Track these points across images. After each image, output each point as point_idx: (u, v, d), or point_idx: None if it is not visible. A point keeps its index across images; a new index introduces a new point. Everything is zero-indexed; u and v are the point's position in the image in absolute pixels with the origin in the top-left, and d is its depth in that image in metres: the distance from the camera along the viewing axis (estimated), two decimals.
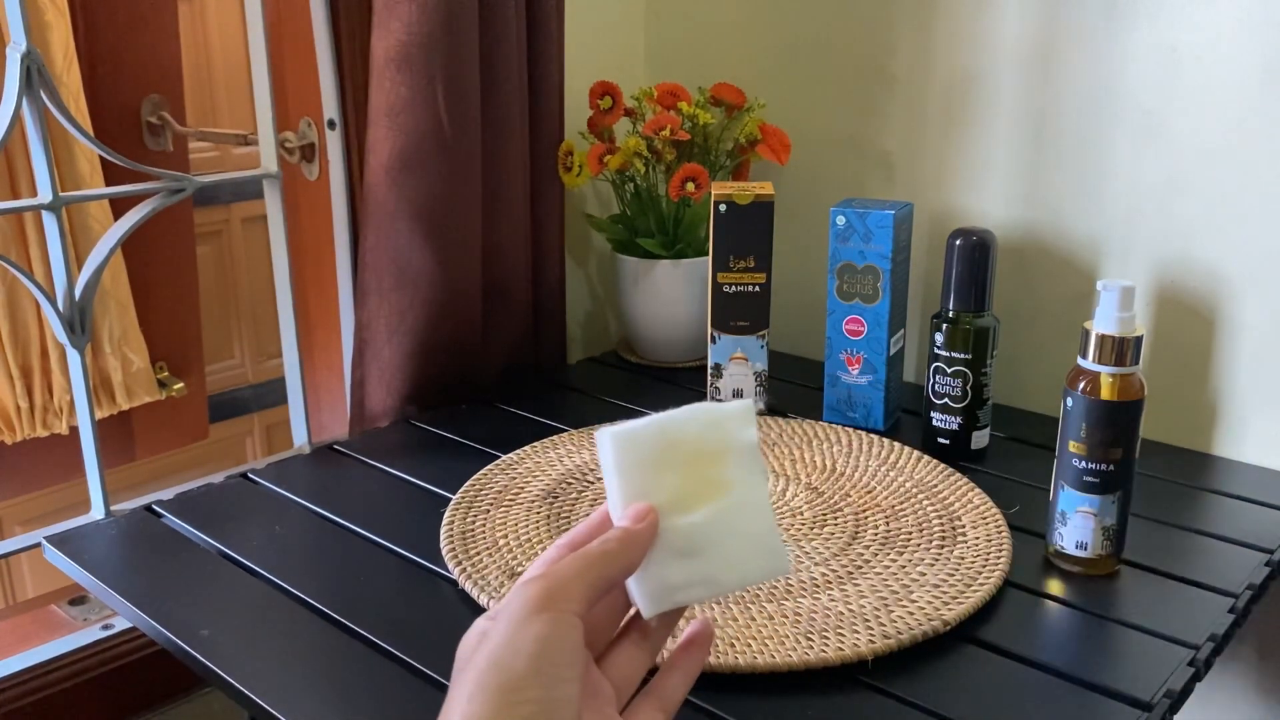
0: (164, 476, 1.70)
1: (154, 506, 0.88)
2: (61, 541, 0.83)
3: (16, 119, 0.84)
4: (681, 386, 1.14)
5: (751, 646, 0.66)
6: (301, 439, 1.06)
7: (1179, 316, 0.98)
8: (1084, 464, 0.75)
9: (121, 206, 0.98)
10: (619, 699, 0.48)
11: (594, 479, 0.89)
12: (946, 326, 0.92)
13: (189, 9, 1.90)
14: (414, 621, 0.71)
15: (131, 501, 0.91)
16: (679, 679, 0.50)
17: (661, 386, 1.15)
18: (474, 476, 0.89)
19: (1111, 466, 0.74)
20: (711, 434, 0.49)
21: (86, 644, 0.94)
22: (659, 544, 0.47)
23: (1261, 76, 0.90)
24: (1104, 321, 0.73)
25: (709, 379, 1.03)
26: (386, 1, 0.95)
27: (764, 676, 0.65)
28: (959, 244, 0.91)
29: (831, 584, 0.73)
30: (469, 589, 0.73)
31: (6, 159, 1.28)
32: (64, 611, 1.02)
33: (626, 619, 0.50)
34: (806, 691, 0.64)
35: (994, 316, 0.93)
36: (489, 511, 0.84)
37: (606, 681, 0.48)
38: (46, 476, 1.47)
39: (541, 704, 0.41)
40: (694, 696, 0.63)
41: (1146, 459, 0.93)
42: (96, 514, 0.92)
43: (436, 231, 1.00)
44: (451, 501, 0.85)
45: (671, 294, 1.16)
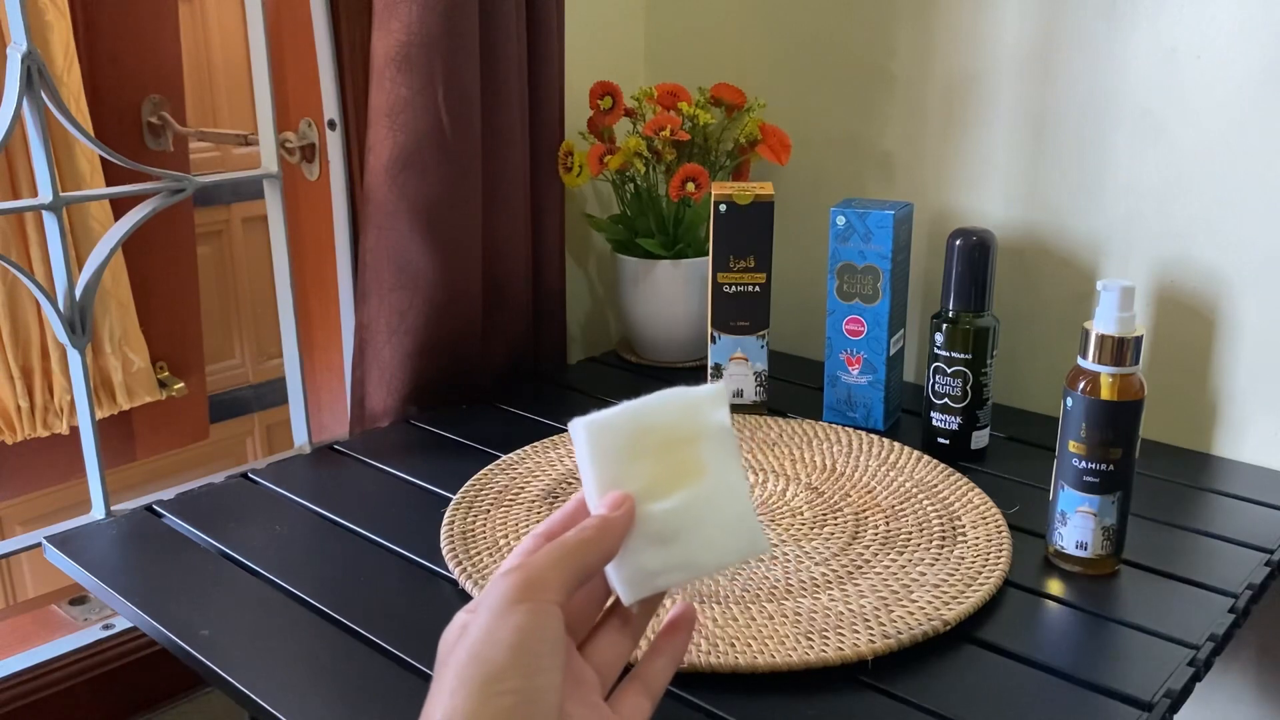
0: (164, 476, 1.70)
1: (154, 506, 0.88)
2: (62, 541, 0.83)
3: (17, 119, 0.84)
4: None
5: (751, 646, 0.66)
6: (302, 439, 1.06)
7: (1179, 316, 0.98)
8: (1084, 464, 0.75)
9: (122, 206, 0.98)
10: (603, 686, 0.48)
11: None
12: (946, 326, 0.92)
13: (189, 9, 1.90)
14: (414, 621, 0.71)
15: (132, 501, 0.91)
16: (663, 663, 0.50)
17: (661, 387, 1.14)
18: (474, 476, 0.89)
19: (1111, 466, 0.74)
20: (684, 419, 0.49)
21: (86, 644, 0.94)
22: (636, 530, 0.47)
23: (1261, 76, 0.90)
24: (1104, 321, 0.73)
25: (709, 379, 1.03)
26: (386, 1, 0.95)
27: (764, 676, 0.65)
28: (959, 244, 0.91)
29: (831, 584, 0.73)
30: (469, 589, 0.73)
31: (7, 159, 1.28)
32: (64, 611, 1.02)
33: (607, 606, 0.50)
34: (806, 691, 0.64)
35: (994, 316, 0.93)
36: (489, 511, 0.84)
37: (590, 669, 0.48)
38: (47, 476, 1.47)
39: (523, 694, 0.41)
40: (694, 696, 0.64)
41: (1146, 459, 0.93)
42: (97, 514, 0.92)
43: (436, 231, 1.00)
44: (451, 501, 0.85)
45: (671, 294, 1.16)
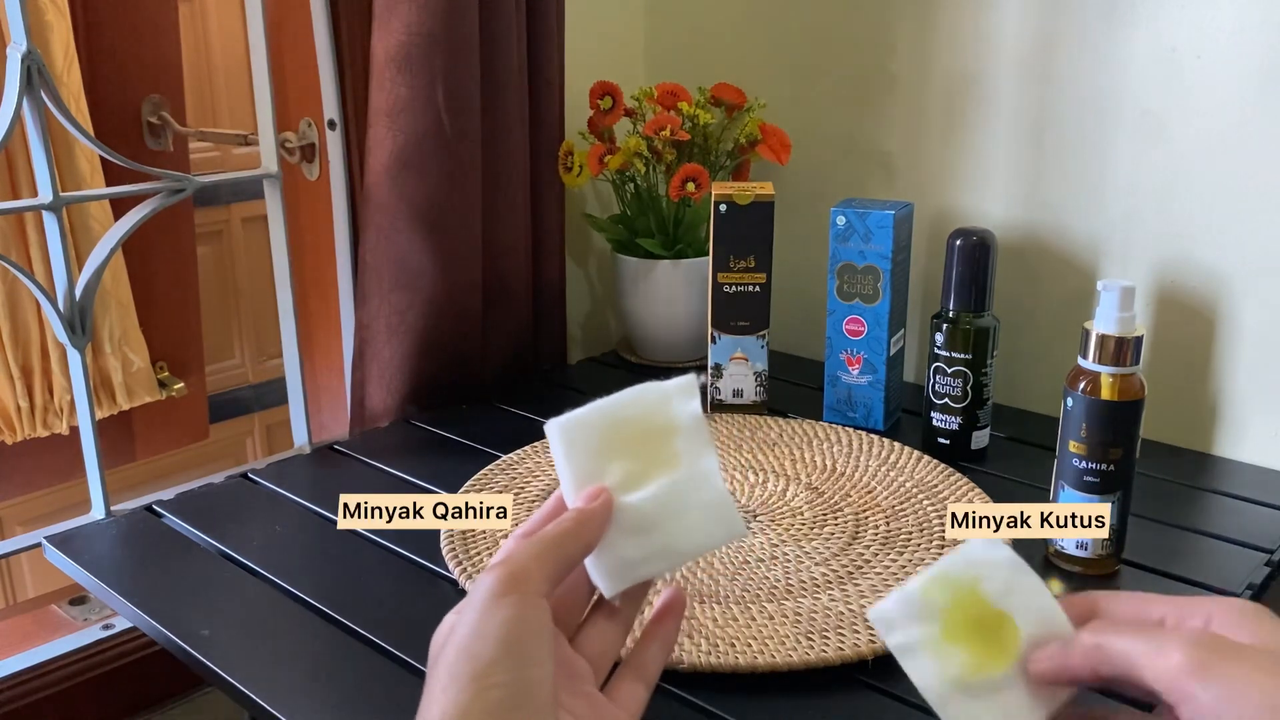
0: (164, 476, 1.70)
1: (154, 506, 0.88)
2: (62, 541, 0.83)
3: (17, 119, 0.84)
4: None
5: (751, 646, 0.66)
6: (302, 439, 1.06)
7: (1179, 316, 0.98)
8: (1084, 464, 0.75)
9: (121, 206, 0.98)
10: (597, 675, 0.48)
11: None
12: (947, 326, 0.92)
13: (189, 9, 1.90)
14: (414, 621, 0.71)
15: (131, 501, 0.91)
16: (656, 649, 0.50)
17: None
18: (474, 476, 0.89)
19: (1111, 466, 0.74)
20: (656, 411, 0.49)
21: (86, 644, 0.94)
22: (613, 523, 0.48)
23: (1261, 76, 0.90)
24: (1104, 321, 0.73)
25: (709, 379, 1.03)
26: (386, 1, 0.95)
27: (764, 676, 0.65)
28: (959, 244, 0.91)
29: (831, 584, 0.73)
30: (469, 589, 0.73)
31: (7, 159, 1.28)
32: (64, 611, 1.02)
33: (594, 601, 0.50)
34: (806, 691, 0.64)
35: (994, 316, 0.93)
36: None
37: (582, 659, 0.48)
38: (46, 476, 1.47)
39: (514, 686, 0.41)
40: (694, 696, 0.64)
41: (1146, 459, 0.93)
42: (97, 514, 0.92)
43: (436, 231, 1.00)
44: None
45: (671, 294, 1.16)
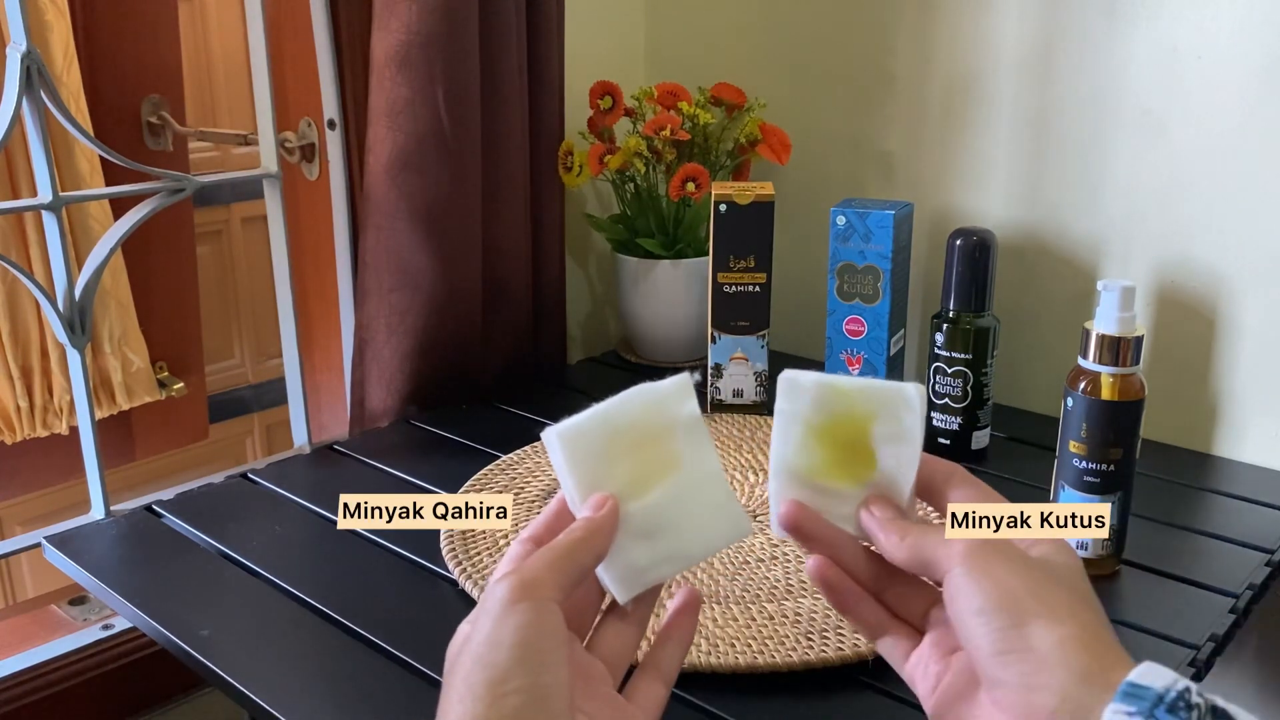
0: (164, 476, 1.70)
1: (154, 506, 0.88)
2: (61, 541, 0.83)
3: (16, 119, 0.84)
4: None
5: (751, 646, 0.66)
6: (301, 439, 1.06)
7: (1179, 316, 0.98)
8: (1084, 464, 0.75)
9: (121, 206, 0.98)
10: (614, 677, 0.48)
11: None
12: (947, 326, 0.92)
13: (189, 9, 1.90)
14: (414, 621, 0.71)
15: (131, 501, 0.91)
16: (673, 648, 0.50)
17: None
18: (474, 476, 0.89)
19: (1111, 466, 0.74)
20: (653, 414, 0.49)
21: (86, 644, 0.93)
22: (621, 529, 0.48)
23: (1261, 76, 0.90)
24: (1104, 321, 0.73)
25: (709, 379, 1.03)
26: (386, 1, 0.95)
27: (764, 676, 0.65)
28: (959, 244, 0.91)
29: None
30: (469, 589, 0.73)
31: (6, 159, 1.28)
32: (64, 611, 1.02)
33: (606, 605, 0.50)
34: (806, 691, 0.64)
35: (994, 317, 0.93)
36: None
37: (598, 662, 0.48)
38: (46, 476, 1.47)
39: (530, 692, 0.41)
40: (694, 696, 0.63)
41: (1146, 459, 0.93)
42: (96, 514, 0.92)
43: (436, 231, 1.00)
44: None
45: (671, 294, 1.16)
